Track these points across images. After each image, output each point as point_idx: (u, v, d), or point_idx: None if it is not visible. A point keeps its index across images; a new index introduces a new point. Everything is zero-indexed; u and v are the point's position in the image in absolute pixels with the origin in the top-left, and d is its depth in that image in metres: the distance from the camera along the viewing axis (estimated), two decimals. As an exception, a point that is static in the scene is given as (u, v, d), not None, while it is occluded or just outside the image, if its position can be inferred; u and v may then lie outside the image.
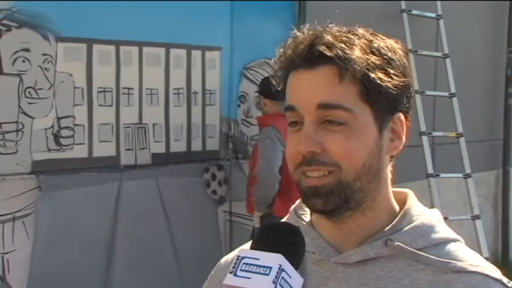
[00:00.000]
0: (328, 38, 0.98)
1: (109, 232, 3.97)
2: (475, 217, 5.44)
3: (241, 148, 4.67)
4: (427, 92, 5.43)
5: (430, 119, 5.68)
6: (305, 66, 0.99)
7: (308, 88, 0.99)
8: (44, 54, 3.67)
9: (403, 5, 5.41)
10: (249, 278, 0.89)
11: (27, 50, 3.59)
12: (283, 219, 1.13)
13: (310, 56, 0.98)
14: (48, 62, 3.68)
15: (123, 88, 4.03)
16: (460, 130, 5.55)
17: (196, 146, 4.43)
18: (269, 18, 4.73)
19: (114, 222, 3.99)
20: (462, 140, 5.55)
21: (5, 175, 3.52)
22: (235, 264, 0.92)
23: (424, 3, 5.59)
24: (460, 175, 5.54)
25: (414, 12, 5.48)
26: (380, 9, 5.27)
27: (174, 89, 4.30)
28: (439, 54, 5.69)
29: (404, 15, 5.38)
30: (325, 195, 0.98)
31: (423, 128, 5.28)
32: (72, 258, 3.76)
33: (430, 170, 5.26)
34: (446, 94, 5.60)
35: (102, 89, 3.94)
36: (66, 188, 3.76)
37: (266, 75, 4.60)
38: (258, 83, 4.46)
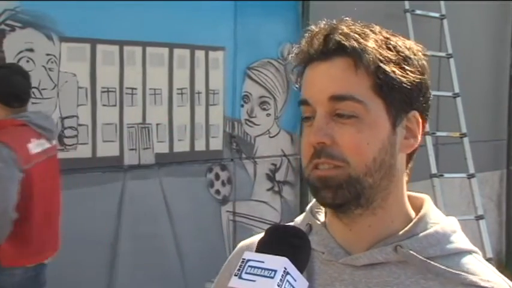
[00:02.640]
0: (344, 28, 0.98)
1: (112, 232, 3.97)
2: (479, 217, 5.43)
3: (245, 148, 4.67)
4: (431, 92, 5.42)
5: (434, 119, 5.66)
6: (320, 58, 0.99)
7: (321, 80, 0.98)
8: (47, 54, 3.67)
9: (407, 5, 5.40)
10: (254, 280, 0.89)
11: (31, 50, 3.60)
12: (300, 217, 1.12)
13: (325, 48, 0.98)
14: (52, 62, 3.69)
15: (127, 88, 4.04)
16: (464, 130, 5.54)
17: (200, 146, 4.43)
18: (273, 18, 4.73)
19: (118, 222, 3.99)
20: (466, 140, 5.53)
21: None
22: (240, 266, 0.91)
23: (428, 3, 5.58)
24: (464, 175, 5.53)
25: (418, 12, 5.47)
26: (384, 9, 5.27)
27: (177, 89, 4.31)
28: (442, 54, 5.68)
29: (408, 15, 5.37)
30: (334, 187, 0.97)
31: (427, 128, 5.23)
32: (75, 258, 3.76)
33: (434, 170, 5.25)
34: (450, 94, 5.59)
35: (106, 89, 3.95)
36: (69, 188, 3.76)
37: (270, 75, 4.61)
38: (262, 83, 4.47)
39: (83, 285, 3.82)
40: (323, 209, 1.08)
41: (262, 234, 1.11)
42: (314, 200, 1.09)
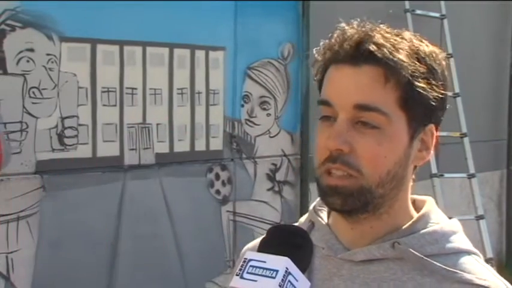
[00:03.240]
0: (378, 37, 0.96)
1: (113, 232, 3.97)
2: (479, 217, 5.43)
3: (245, 148, 4.67)
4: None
5: (434, 119, 5.66)
6: (349, 62, 0.97)
7: (348, 86, 0.96)
8: (48, 54, 3.67)
9: (407, 4, 5.40)
10: (256, 280, 0.89)
11: (31, 50, 3.60)
12: (305, 216, 1.12)
13: (356, 54, 0.96)
14: (52, 62, 3.69)
15: (127, 88, 4.04)
16: (464, 130, 5.54)
17: (200, 146, 4.43)
18: (273, 18, 4.73)
19: (118, 222, 3.99)
20: (466, 140, 5.54)
21: (9, 175, 3.52)
22: (242, 266, 0.91)
23: (428, 3, 5.58)
24: (464, 175, 5.53)
25: (418, 12, 5.47)
26: (384, 9, 5.27)
27: (177, 88, 4.31)
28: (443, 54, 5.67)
29: (408, 15, 5.37)
30: (344, 195, 0.97)
31: (427, 128, 5.26)
32: (76, 258, 3.76)
33: (434, 170, 5.25)
34: (450, 94, 5.56)
35: (106, 89, 3.94)
36: (70, 188, 3.77)
37: (270, 75, 4.61)
38: (262, 83, 4.47)
39: (83, 285, 3.82)
40: (326, 207, 1.08)
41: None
42: (318, 198, 1.10)
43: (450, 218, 1.06)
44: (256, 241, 1.14)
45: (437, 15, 5.67)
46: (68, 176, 3.77)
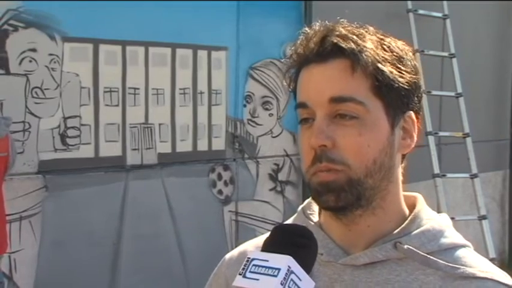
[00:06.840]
0: (341, 30, 0.98)
1: (115, 232, 3.98)
2: (482, 217, 5.43)
3: (247, 148, 4.68)
4: (434, 92, 5.42)
5: (437, 119, 5.66)
6: (316, 60, 0.98)
7: (319, 82, 0.98)
8: (50, 54, 3.68)
9: (410, 4, 5.40)
10: (258, 279, 0.88)
11: (33, 50, 3.61)
12: (291, 219, 1.11)
13: (322, 50, 0.98)
14: (54, 62, 3.70)
15: (129, 88, 4.04)
16: (467, 130, 5.53)
17: (202, 146, 4.43)
18: (275, 18, 4.73)
19: (120, 222, 4.00)
20: (469, 140, 5.53)
21: (12, 175, 3.53)
22: (244, 265, 0.91)
23: (431, 3, 5.58)
24: (467, 175, 5.52)
25: (421, 12, 5.47)
26: (386, 8, 5.27)
27: (180, 89, 4.31)
28: (445, 54, 5.67)
29: (411, 14, 5.37)
30: (336, 191, 0.97)
31: (429, 128, 5.27)
32: (78, 258, 3.77)
33: (437, 170, 5.24)
34: (452, 94, 5.58)
35: (109, 89, 3.95)
36: (72, 188, 3.77)
37: (272, 75, 4.61)
38: (265, 83, 4.47)
39: (85, 285, 3.83)
40: (316, 210, 1.08)
41: (247, 244, 1.11)
42: (305, 202, 1.10)
43: (450, 216, 1.06)
44: (240, 248, 1.15)
45: (439, 15, 5.67)
46: (71, 176, 3.77)
